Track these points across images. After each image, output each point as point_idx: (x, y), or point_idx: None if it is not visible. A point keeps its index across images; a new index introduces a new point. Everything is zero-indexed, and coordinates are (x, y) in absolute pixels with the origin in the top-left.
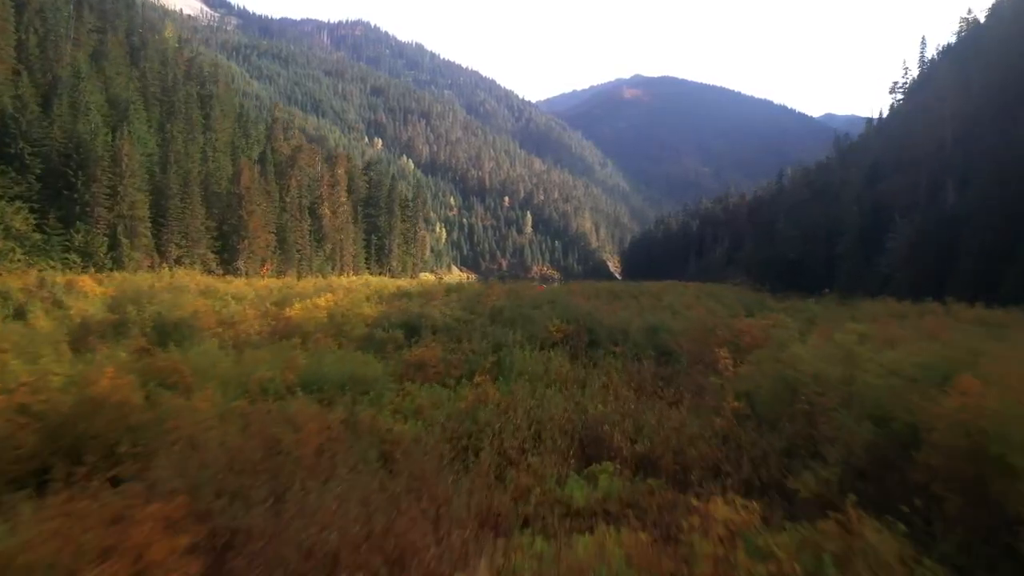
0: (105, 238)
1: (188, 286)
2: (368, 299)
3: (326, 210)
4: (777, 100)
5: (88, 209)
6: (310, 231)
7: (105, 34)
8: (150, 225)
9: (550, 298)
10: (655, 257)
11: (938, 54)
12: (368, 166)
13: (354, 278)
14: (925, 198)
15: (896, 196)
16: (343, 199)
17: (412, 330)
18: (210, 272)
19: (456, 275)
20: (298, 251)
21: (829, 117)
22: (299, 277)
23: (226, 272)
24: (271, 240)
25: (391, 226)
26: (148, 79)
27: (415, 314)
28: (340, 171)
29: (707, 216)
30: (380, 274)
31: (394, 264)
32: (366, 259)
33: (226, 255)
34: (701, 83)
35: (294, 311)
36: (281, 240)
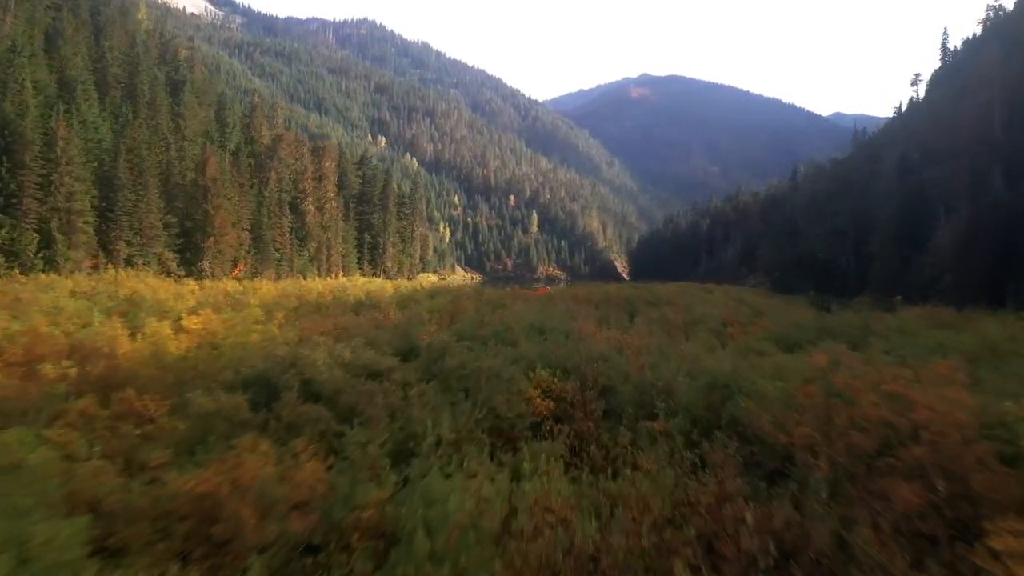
0: (36, 235)
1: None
2: (286, 315)
3: (310, 206)
4: (786, 99)
5: (15, 201)
6: (292, 228)
7: (61, 11)
8: (94, 220)
9: (543, 318)
10: (664, 257)
11: (963, 44)
12: (362, 160)
13: (341, 280)
14: (970, 189)
15: (936, 188)
16: (331, 194)
17: (272, 391)
18: (169, 274)
19: (460, 275)
20: (277, 250)
21: (838, 116)
22: (278, 278)
23: (189, 274)
24: (245, 238)
25: (385, 224)
26: (108, 60)
27: (281, 361)
28: (328, 164)
29: (717, 215)
30: (374, 275)
31: (388, 265)
32: (358, 259)
33: (189, 255)
34: (709, 82)
35: (123, 342)
36: (257, 238)
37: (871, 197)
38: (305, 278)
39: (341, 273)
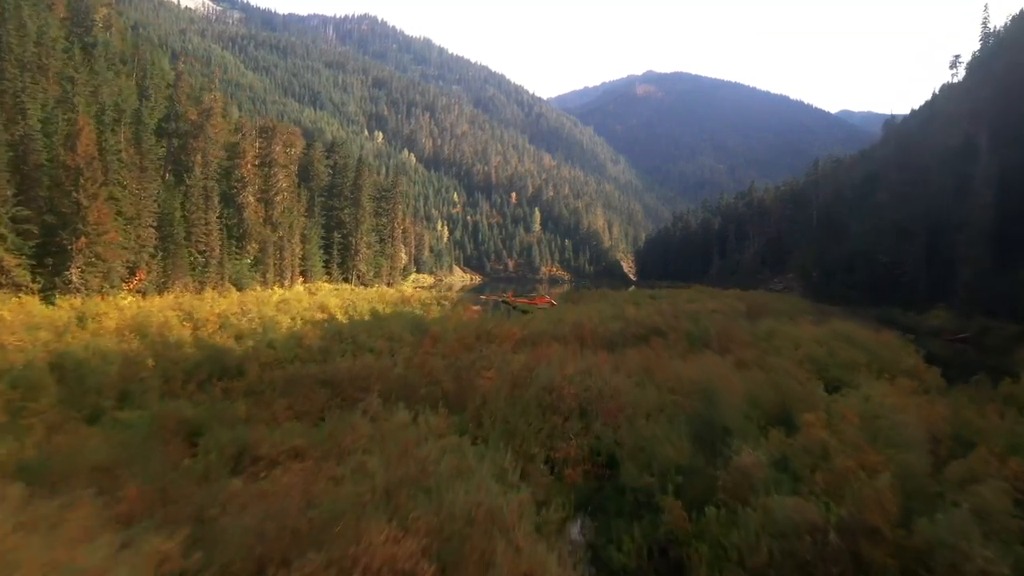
0: None
1: None
2: None
3: (250, 198)
4: (793, 96)
5: None
6: (226, 226)
7: None
8: None
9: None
10: (673, 257)
11: (1011, 20)
12: (331, 147)
13: (277, 293)
14: None
15: None
16: (284, 184)
17: None
18: (18, 288)
19: (459, 276)
20: (202, 252)
21: (846, 113)
22: (200, 289)
23: (46, 288)
24: (149, 238)
25: (357, 221)
26: None
27: None
28: (279, 148)
29: (730, 212)
30: (345, 281)
31: (362, 268)
32: (326, 263)
33: (52, 260)
34: (715, 79)
35: None
36: (166, 237)
37: (933, 189)
38: (241, 288)
39: (300, 280)
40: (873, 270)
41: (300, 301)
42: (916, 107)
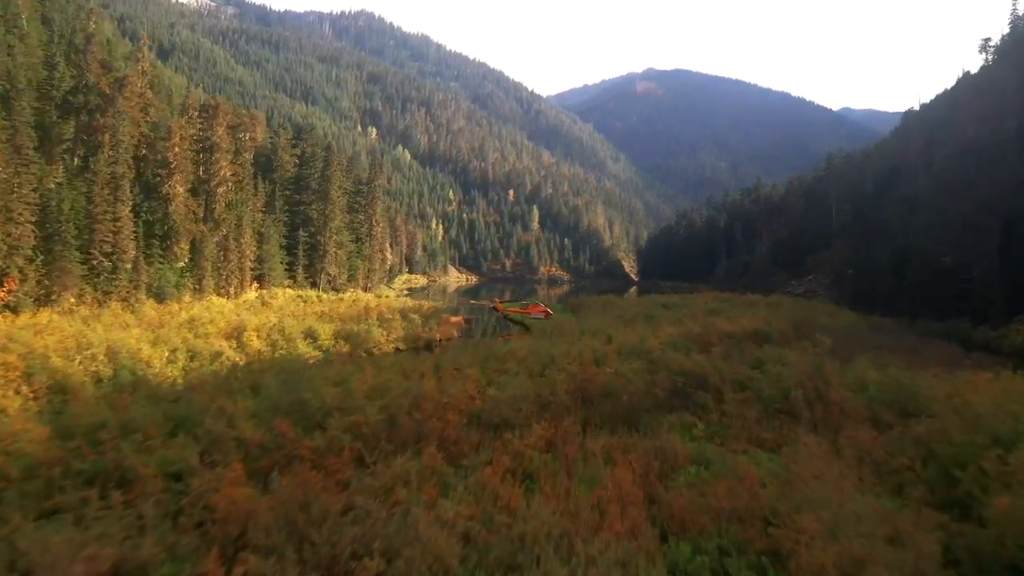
0: None
1: None
2: None
3: (177, 188)
4: (795, 93)
5: None
6: (146, 222)
7: None
8: None
9: None
10: (676, 256)
11: None
12: (298, 135)
13: (247, 299)
14: None
15: None
16: (227, 173)
17: None
18: None
19: (454, 277)
20: (109, 255)
21: (847, 111)
22: (102, 302)
23: None
24: (24, 237)
25: (327, 217)
26: None
27: None
28: (221, 130)
29: (735, 210)
30: (313, 286)
31: (332, 271)
32: (290, 265)
33: None
34: (716, 76)
35: None
36: (50, 237)
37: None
38: (163, 299)
39: (253, 287)
40: (930, 273)
41: (215, 321)
42: (923, 102)
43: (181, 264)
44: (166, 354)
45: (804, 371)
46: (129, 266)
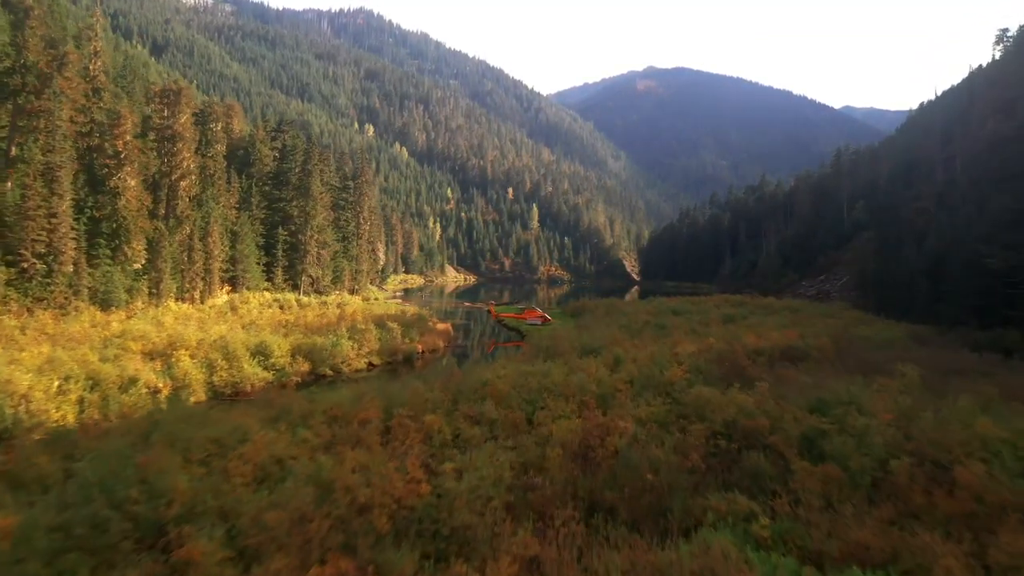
0: None
1: None
2: None
3: (128, 181)
4: (796, 91)
5: None
6: (92, 219)
7: None
8: None
9: None
10: (680, 256)
11: None
12: (279, 127)
13: (215, 304)
14: None
15: None
16: (190, 165)
17: None
18: None
19: (452, 277)
20: (42, 257)
21: (849, 110)
22: (31, 311)
23: None
24: None
25: (307, 215)
26: None
27: None
28: (184, 118)
29: (739, 208)
30: (294, 289)
31: (314, 273)
32: (268, 267)
33: None
34: (717, 74)
35: None
36: None
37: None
38: (111, 306)
39: (225, 290)
40: (979, 277)
41: (147, 335)
42: (932, 96)
43: (137, 266)
44: (55, 384)
45: (897, 423)
46: (70, 268)
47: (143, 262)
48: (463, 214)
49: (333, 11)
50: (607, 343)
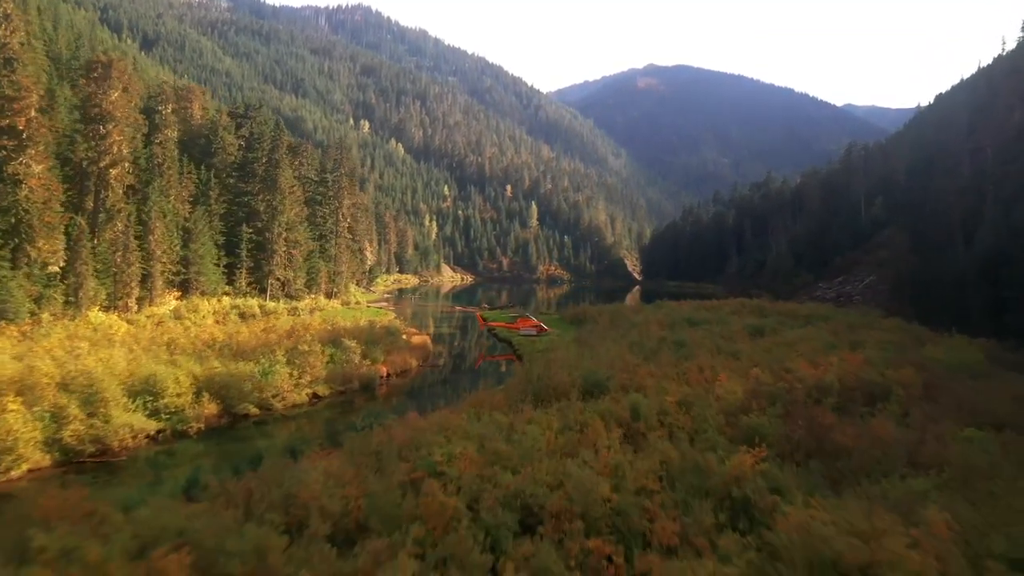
0: None
1: None
2: None
3: (32, 167)
4: (798, 89)
5: None
6: None
7: None
8: None
9: None
10: (683, 255)
11: None
12: (245, 113)
13: (157, 313)
14: None
15: None
16: (123, 151)
17: None
18: None
19: (448, 276)
20: None
21: (850, 107)
22: None
23: None
24: None
25: (274, 211)
26: None
27: None
28: (115, 95)
29: (744, 205)
30: (261, 293)
31: (281, 275)
32: (230, 270)
33: None
34: (718, 71)
35: None
36: None
37: None
38: (12, 320)
39: (174, 296)
40: None
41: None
42: (942, 91)
43: (54, 269)
44: None
45: None
46: None
47: (61, 264)
48: (460, 212)
49: (331, 8)
50: (617, 370)
